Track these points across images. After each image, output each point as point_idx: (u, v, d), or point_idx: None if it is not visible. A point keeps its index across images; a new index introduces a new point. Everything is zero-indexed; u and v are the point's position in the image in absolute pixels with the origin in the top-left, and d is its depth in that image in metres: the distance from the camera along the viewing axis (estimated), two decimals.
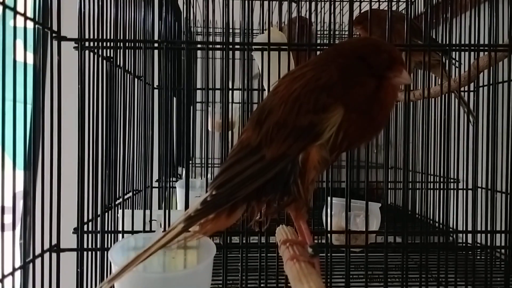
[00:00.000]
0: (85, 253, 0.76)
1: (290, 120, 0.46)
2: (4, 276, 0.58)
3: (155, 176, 1.11)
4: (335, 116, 0.46)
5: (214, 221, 0.48)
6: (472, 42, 0.86)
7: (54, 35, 0.72)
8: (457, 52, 0.91)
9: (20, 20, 0.64)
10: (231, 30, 1.37)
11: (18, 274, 0.62)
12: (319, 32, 1.25)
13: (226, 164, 0.49)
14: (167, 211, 0.77)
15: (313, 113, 0.46)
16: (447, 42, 0.90)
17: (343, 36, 1.61)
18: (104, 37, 0.79)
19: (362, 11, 1.23)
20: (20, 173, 0.65)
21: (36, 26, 0.68)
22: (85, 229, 0.77)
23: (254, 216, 0.49)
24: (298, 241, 0.54)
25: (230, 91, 1.09)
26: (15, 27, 0.63)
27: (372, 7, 0.86)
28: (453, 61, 1.04)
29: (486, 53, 0.83)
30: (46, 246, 0.70)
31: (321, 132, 0.46)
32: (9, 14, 0.62)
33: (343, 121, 0.46)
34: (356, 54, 0.48)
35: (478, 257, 0.95)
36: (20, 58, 0.65)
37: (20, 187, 0.66)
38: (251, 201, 0.48)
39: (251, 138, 0.48)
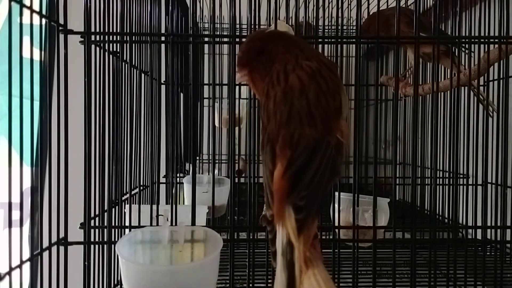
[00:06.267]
0: (92, 246, 0.76)
1: (331, 106, 0.50)
2: (12, 269, 0.58)
3: (162, 171, 1.11)
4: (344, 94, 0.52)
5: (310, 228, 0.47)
6: (482, 34, 0.85)
7: (60, 28, 0.73)
8: (466, 45, 0.90)
9: (26, 15, 0.64)
10: (238, 26, 1.36)
11: (26, 268, 0.62)
12: (326, 27, 1.24)
13: (290, 171, 0.46)
14: (174, 206, 0.77)
15: (338, 94, 0.51)
16: (456, 35, 0.89)
17: (350, 30, 1.60)
18: (111, 31, 0.79)
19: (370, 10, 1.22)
20: (27, 170, 0.65)
21: (43, 19, 0.68)
22: (92, 224, 0.77)
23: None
24: None
25: (237, 87, 1.09)
26: (21, 24, 0.63)
27: (380, 2, 0.85)
28: (463, 49, 1.03)
29: (496, 45, 0.81)
30: (54, 240, 0.71)
31: (343, 108, 0.51)
32: (16, 9, 0.62)
33: None
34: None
35: (488, 253, 0.94)
36: (26, 54, 0.65)
37: (27, 184, 0.66)
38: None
39: (310, 136, 0.48)
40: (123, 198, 0.85)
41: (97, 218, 0.79)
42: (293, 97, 0.49)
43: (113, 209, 0.82)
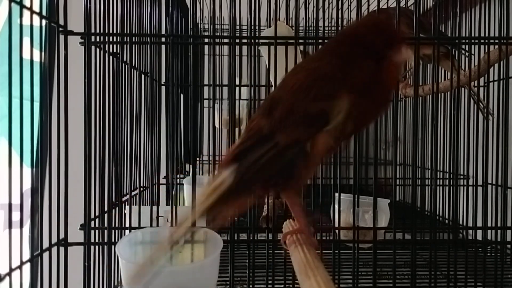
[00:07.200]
0: (92, 247, 0.76)
1: (301, 107, 0.48)
2: (12, 269, 0.58)
3: (163, 172, 1.11)
4: (342, 103, 0.47)
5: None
6: (482, 35, 0.85)
7: (60, 29, 0.73)
8: (466, 46, 0.90)
9: (26, 16, 0.64)
10: (238, 27, 1.36)
11: (26, 268, 0.62)
12: (326, 28, 1.24)
13: (240, 150, 0.50)
14: (174, 207, 0.77)
15: (323, 101, 0.47)
16: (456, 35, 0.89)
17: None
18: (111, 32, 0.79)
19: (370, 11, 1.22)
20: (27, 171, 0.65)
21: (43, 20, 0.68)
22: (92, 225, 0.77)
23: (259, 198, 0.51)
24: (297, 229, 0.56)
25: (238, 88, 1.09)
26: (21, 25, 0.63)
27: (380, 3, 0.85)
28: (463, 52, 1.03)
29: (496, 46, 0.81)
30: (54, 241, 0.71)
31: (330, 119, 0.47)
32: (16, 10, 0.62)
33: (350, 108, 0.47)
34: (355, 37, 0.49)
35: (488, 254, 0.93)
36: (26, 55, 0.65)
37: (27, 185, 0.66)
38: (261, 185, 0.50)
39: (262, 126, 0.49)
40: (123, 199, 0.85)
41: (97, 219, 0.78)
42: (279, 91, 0.51)
43: (113, 210, 0.82)
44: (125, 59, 0.82)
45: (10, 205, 0.57)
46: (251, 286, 0.81)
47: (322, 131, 0.47)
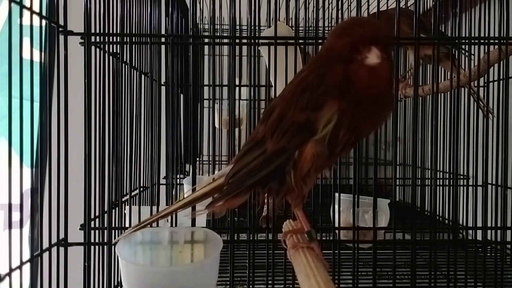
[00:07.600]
0: (92, 248, 0.76)
1: (288, 116, 0.49)
2: (12, 270, 0.58)
3: (163, 173, 1.11)
4: (329, 112, 0.47)
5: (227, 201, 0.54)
6: (482, 35, 0.85)
7: (60, 29, 0.73)
8: (466, 46, 0.90)
9: (26, 16, 0.64)
10: (238, 27, 1.36)
11: (26, 268, 0.62)
12: (326, 28, 1.25)
13: (239, 154, 0.54)
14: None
15: (310, 110, 0.47)
16: (456, 35, 0.90)
17: None
18: (111, 32, 0.79)
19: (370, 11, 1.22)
20: (27, 171, 0.65)
21: (43, 20, 0.68)
22: (92, 225, 0.77)
23: (259, 201, 0.55)
24: (298, 229, 0.57)
25: (237, 88, 1.09)
26: (21, 25, 0.63)
27: (380, 3, 0.85)
28: (463, 52, 1.03)
29: (496, 46, 0.81)
30: (54, 241, 0.71)
31: (317, 128, 0.47)
32: (16, 10, 0.62)
33: (341, 116, 0.47)
34: (330, 42, 0.50)
35: (488, 254, 0.93)
36: (26, 56, 0.65)
37: (27, 185, 0.66)
38: (256, 188, 0.53)
39: (259, 132, 0.52)
40: (123, 199, 0.85)
41: (97, 219, 0.78)
42: (279, 97, 0.53)
43: (113, 210, 0.82)
44: (125, 59, 0.82)
45: (10, 205, 0.57)
46: (251, 286, 0.81)
47: (311, 141, 0.47)
